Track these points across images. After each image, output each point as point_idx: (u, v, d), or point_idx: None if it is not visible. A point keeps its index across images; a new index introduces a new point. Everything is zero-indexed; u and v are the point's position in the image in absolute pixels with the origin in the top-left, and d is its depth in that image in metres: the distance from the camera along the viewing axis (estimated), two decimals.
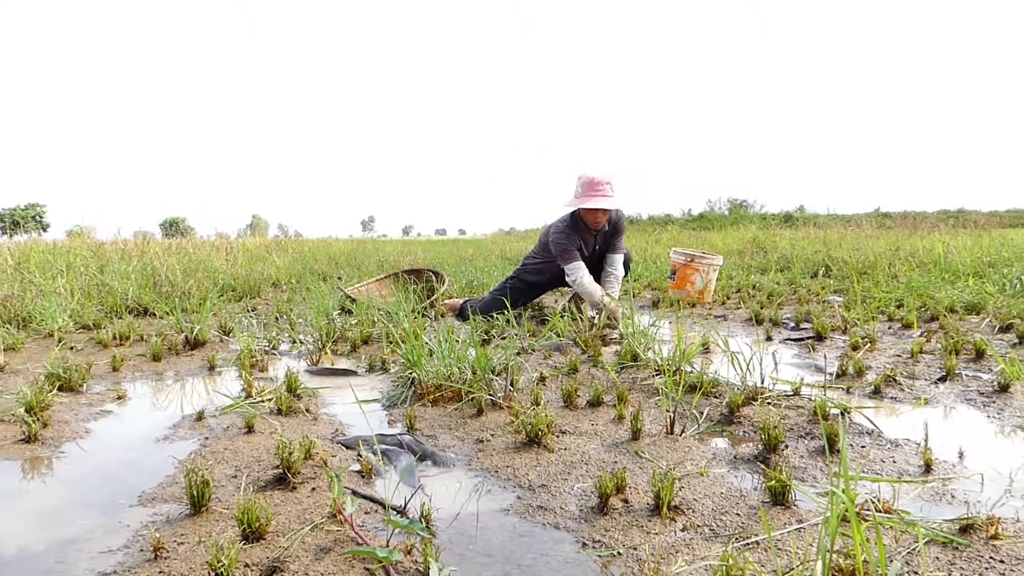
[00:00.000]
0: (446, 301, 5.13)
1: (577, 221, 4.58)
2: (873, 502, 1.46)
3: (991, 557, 1.25)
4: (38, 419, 2.19)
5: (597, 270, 4.76)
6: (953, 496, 1.58)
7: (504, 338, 3.65)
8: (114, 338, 3.86)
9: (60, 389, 2.66)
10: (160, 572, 1.27)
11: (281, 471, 1.73)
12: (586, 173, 4.42)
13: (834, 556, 1.18)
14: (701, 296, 5.65)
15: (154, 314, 4.98)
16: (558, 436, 2.10)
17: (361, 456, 1.86)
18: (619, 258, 4.68)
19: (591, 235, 4.62)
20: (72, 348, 3.69)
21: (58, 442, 2.10)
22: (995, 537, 1.31)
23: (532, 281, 4.92)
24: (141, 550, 1.37)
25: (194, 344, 3.69)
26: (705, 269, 5.63)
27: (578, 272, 4.44)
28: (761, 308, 4.90)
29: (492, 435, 2.12)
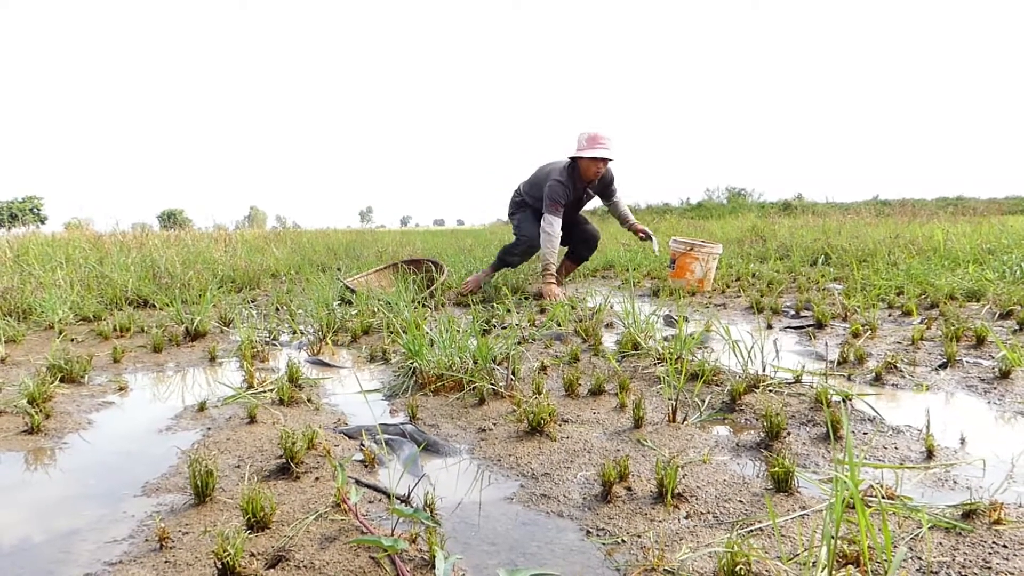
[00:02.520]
0: (466, 280, 5.61)
1: (575, 173, 5.26)
2: (876, 488, 1.46)
3: (994, 542, 1.25)
4: (41, 410, 2.20)
5: (576, 212, 5.69)
6: (955, 482, 1.59)
7: (505, 328, 3.65)
8: (114, 330, 3.86)
9: (62, 381, 2.66)
10: (166, 562, 1.27)
11: (284, 461, 1.74)
12: (589, 130, 5.06)
13: (838, 542, 1.18)
14: (700, 285, 5.61)
15: (154, 306, 4.98)
16: (560, 425, 2.10)
17: (364, 446, 1.87)
18: (620, 198, 5.68)
19: (582, 186, 5.36)
20: (73, 340, 3.69)
21: (61, 433, 2.10)
22: (998, 522, 1.31)
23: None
24: (146, 540, 1.37)
25: (195, 335, 3.69)
26: (704, 258, 5.59)
27: (554, 226, 5.18)
28: (761, 296, 4.90)
29: (494, 424, 2.13)
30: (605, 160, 5.13)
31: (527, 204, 5.60)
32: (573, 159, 5.22)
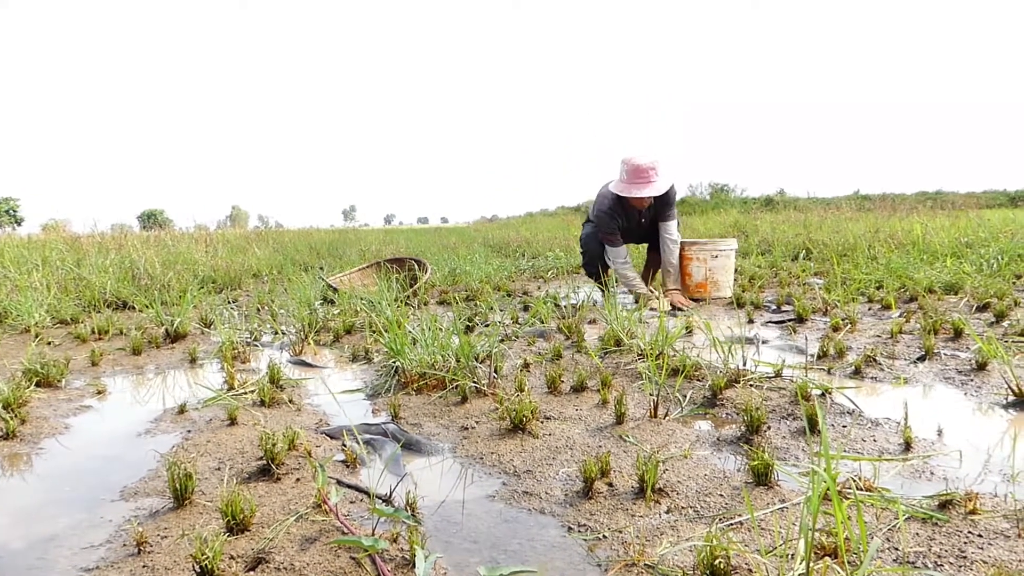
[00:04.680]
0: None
1: (623, 200, 4.77)
2: (854, 480, 1.48)
3: (969, 532, 1.27)
4: (16, 416, 2.17)
5: (649, 237, 5.14)
6: (932, 473, 1.60)
7: (488, 325, 3.65)
8: (93, 332, 3.82)
9: (38, 385, 2.63)
10: (144, 566, 1.26)
11: (265, 462, 1.73)
12: (632, 160, 4.57)
13: (816, 534, 1.19)
14: (702, 290, 4.87)
15: (133, 307, 4.93)
16: (542, 422, 2.10)
17: (345, 446, 1.86)
18: (673, 224, 4.88)
19: (636, 212, 4.86)
20: (50, 343, 3.65)
21: (37, 439, 2.08)
22: (973, 512, 1.33)
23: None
24: (124, 545, 1.36)
25: (175, 337, 3.65)
26: (703, 257, 4.83)
27: (617, 255, 4.85)
28: (743, 291, 4.93)
29: (477, 422, 2.12)
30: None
31: (592, 222, 5.12)
32: None
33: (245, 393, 2.45)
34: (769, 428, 1.95)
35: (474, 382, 2.43)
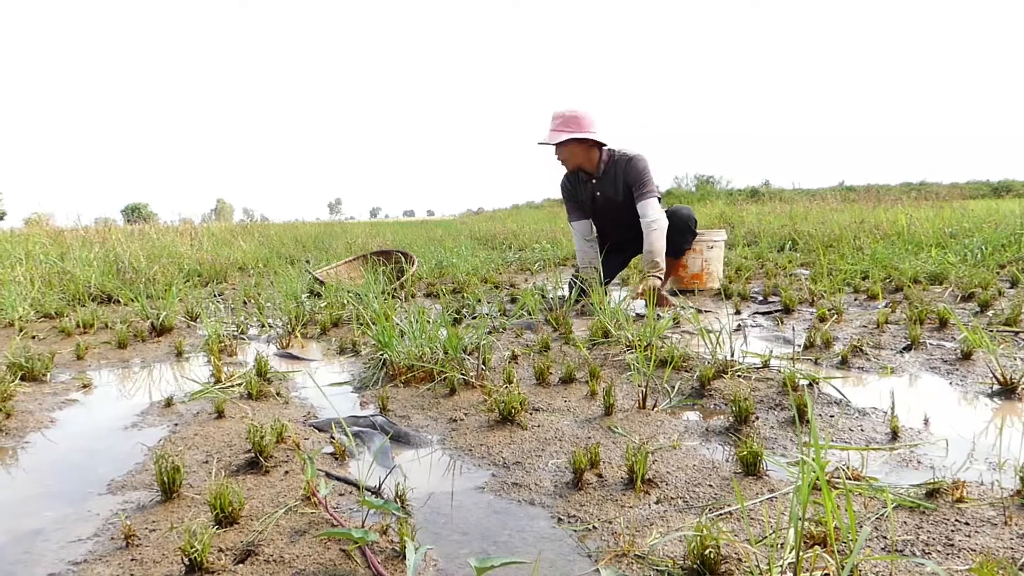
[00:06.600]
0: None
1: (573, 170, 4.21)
2: (842, 470, 1.49)
3: (957, 520, 1.28)
4: (0, 410, 2.14)
5: (620, 223, 4.31)
6: (919, 462, 1.62)
7: (475, 317, 3.64)
8: (77, 326, 3.78)
9: (23, 379, 2.60)
10: (132, 559, 1.25)
11: (253, 455, 1.71)
12: (555, 109, 4.00)
13: (806, 523, 1.20)
14: (699, 280, 4.87)
15: (118, 301, 4.89)
16: (531, 413, 2.10)
17: (334, 438, 1.85)
18: (651, 203, 4.00)
19: (585, 182, 4.21)
20: (34, 337, 3.61)
21: (22, 432, 2.06)
22: (960, 500, 1.34)
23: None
24: (112, 538, 1.34)
25: (160, 331, 3.63)
26: (699, 248, 4.79)
27: (575, 237, 4.36)
28: (729, 283, 4.95)
29: (465, 414, 2.12)
30: (566, 144, 3.94)
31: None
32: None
33: (232, 386, 2.43)
34: (757, 418, 1.96)
35: (462, 374, 2.42)
